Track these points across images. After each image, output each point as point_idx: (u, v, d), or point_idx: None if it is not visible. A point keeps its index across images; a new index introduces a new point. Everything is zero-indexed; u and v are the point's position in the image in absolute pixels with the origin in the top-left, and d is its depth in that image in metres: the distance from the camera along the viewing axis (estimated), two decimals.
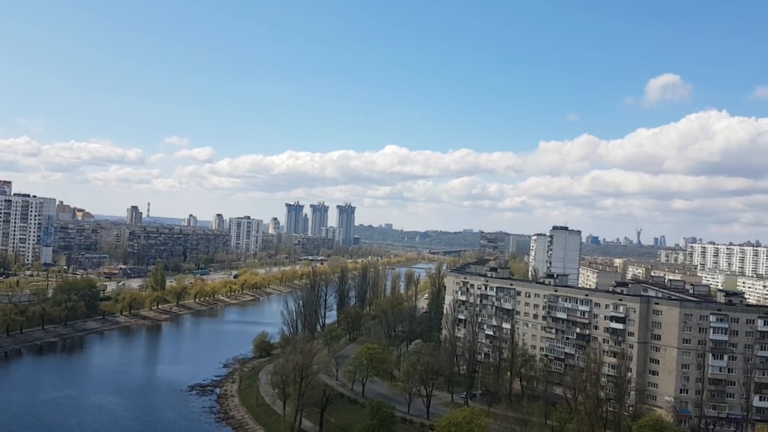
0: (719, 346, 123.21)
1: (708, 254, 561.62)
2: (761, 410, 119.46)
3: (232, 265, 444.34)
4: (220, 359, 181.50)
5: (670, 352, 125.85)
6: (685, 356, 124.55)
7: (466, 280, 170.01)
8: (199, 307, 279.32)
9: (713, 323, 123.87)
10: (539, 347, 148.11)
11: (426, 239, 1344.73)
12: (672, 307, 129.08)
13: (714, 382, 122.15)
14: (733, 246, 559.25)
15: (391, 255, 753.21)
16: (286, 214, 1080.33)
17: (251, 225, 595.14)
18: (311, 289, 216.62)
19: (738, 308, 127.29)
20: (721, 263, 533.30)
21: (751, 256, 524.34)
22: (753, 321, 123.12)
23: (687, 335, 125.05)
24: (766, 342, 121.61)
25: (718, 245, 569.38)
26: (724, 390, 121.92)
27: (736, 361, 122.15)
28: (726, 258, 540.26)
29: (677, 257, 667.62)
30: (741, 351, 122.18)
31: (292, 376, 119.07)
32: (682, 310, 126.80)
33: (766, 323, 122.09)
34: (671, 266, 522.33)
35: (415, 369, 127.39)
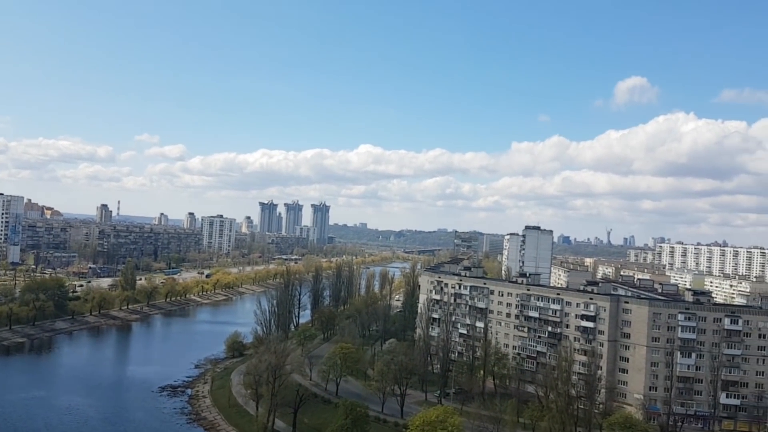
0: (687, 345, 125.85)
1: (676, 254, 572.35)
2: (728, 407, 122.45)
3: (204, 265, 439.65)
4: (191, 360, 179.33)
5: (640, 350, 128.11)
6: (654, 354, 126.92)
7: (441, 279, 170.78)
8: (171, 307, 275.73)
9: (681, 322, 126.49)
10: (512, 346, 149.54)
11: (401, 238, 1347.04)
12: (641, 306, 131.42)
13: (682, 380, 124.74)
14: (700, 246, 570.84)
15: (365, 254, 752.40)
16: (260, 213, 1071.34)
17: (224, 224, 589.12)
18: (285, 288, 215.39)
19: (705, 307, 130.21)
20: (689, 263, 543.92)
21: (718, 256, 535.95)
22: (720, 320, 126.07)
23: (656, 333, 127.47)
24: (732, 340, 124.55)
25: (686, 245, 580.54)
26: (692, 387, 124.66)
27: (704, 359, 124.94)
28: (694, 258, 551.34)
29: (646, 257, 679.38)
30: (708, 349, 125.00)
31: (265, 376, 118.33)
32: (651, 309, 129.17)
33: (732, 322, 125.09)
34: (640, 266, 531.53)
35: (389, 368, 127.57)
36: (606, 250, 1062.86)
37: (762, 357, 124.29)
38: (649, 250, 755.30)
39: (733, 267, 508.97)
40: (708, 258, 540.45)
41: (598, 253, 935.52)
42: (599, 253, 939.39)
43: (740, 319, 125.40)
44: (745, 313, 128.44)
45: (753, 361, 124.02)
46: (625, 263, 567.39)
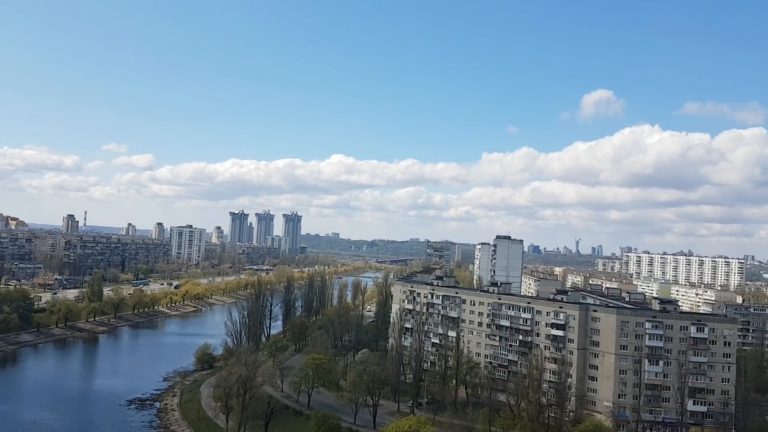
0: (654, 352, 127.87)
1: (643, 263, 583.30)
2: (695, 414, 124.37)
3: (173, 276, 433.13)
4: (160, 372, 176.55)
5: (608, 358, 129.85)
6: (623, 362, 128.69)
7: (413, 289, 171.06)
8: (138, 318, 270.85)
9: (648, 330, 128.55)
10: (484, 354, 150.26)
11: (373, 248, 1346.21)
12: (609, 314, 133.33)
13: (650, 387, 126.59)
14: (666, 255, 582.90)
15: (338, 264, 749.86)
16: (230, 223, 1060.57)
17: (193, 234, 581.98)
18: (256, 299, 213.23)
19: (672, 315, 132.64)
20: (656, 272, 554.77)
21: (683, 265, 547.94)
22: (686, 328, 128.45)
23: (624, 342, 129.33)
24: (698, 348, 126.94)
25: (652, 254, 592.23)
26: (660, 395, 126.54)
27: (671, 366, 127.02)
28: (660, 267, 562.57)
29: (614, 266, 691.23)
30: (675, 357, 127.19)
31: (235, 388, 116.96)
32: (619, 317, 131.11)
33: (698, 330, 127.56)
34: (608, 275, 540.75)
35: (362, 379, 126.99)
36: (575, 259, 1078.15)
37: (727, 364, 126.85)
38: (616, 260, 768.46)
39: (698, 276, 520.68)
40: (674, 267, 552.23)
41: (567, 262, 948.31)
42: (568, 262, 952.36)
43: (706, 327, 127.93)
44: (711, 321, 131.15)
45: (719, 368, 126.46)
46: (593, 272, 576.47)
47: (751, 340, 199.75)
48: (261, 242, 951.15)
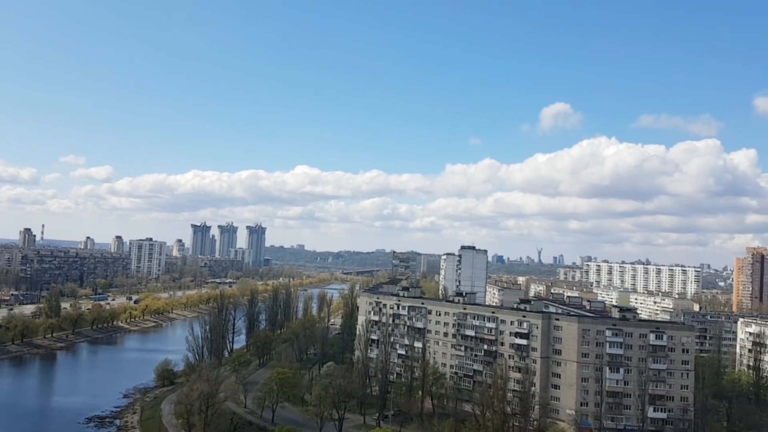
0: (615, 360, 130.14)
1: (602, 272, 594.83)
2: (655, 421, 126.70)
3: (132, 290, 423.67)
4: (119, 389, 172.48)
5: (571, 366, 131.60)
6: (584, 370, 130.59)
7: (379, 300, 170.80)
8: (97, 334, 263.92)
9: (609, 338, 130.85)
10: (449, 365, 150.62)
11: (339, 259, 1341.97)
12: (571, 322, 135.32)
13: (611, 395, 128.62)
14: (625, 264, 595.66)
15: (303, 276, 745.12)
16: (192, 236, 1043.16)
17: (153, 247, 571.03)
18: (218, 313, 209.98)
19: (631, 323, 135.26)
20: (615, 280, 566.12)
21: (641, 274, 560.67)
22: (645, 335, 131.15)
23: (585, 349, 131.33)
24: (657, 355, 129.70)
25: (611, 263, 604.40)
26: (621, 402, 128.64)
27: (631, 373, 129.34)
28: (619, 275, 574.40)
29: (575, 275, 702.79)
30: (635, 364, 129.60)
31: (197, 405, 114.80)
32: (581, 325, 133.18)
33: (657, 337, 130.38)
34: (569, 283, 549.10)
35: (327, 392, 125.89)
36: (537, 268, 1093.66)
37: (686, 371, 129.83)
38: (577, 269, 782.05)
39: (656, 284, 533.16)
40: (632, 276, 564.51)
41: (529, 271, 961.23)
42: (531, 271, 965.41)
43: (665, 334, 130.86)
44: (669, 329, 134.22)
45: (677, 375, 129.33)
46: (555, 281, 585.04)
47: (708, 347, 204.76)
48: (224, 255, 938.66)
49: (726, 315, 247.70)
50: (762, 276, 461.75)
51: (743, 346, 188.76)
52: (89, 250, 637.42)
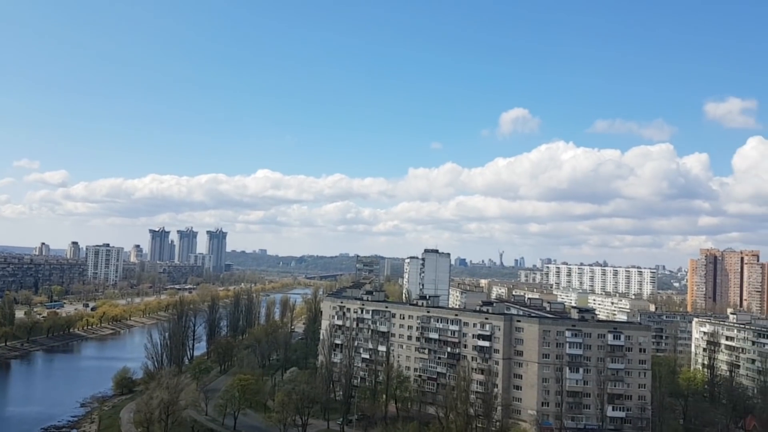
0: (575, 360, 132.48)
1: (562, 274, 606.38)
2: (614, 420, 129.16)
3: (89, 297, 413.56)
4: (76, 398, 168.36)
5: (532, 366, 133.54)
6: (545, 370, 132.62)
7: (343, 305, 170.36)
8: (53, 342, 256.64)
9: (569, 338, 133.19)
10: (413, 368, 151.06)
11: (302, 264, 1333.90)
12: (532, 324, 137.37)
13: (571, 395, 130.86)
14: (583, 266, 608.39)
15: (265, 281, 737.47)
16: (150, 241, 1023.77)
17: (110, 253, 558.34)
18: (178, 319, 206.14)
19: (590, 324, 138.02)
20: (574, 282, 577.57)
21: (599, 275, 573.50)
22: (604, 335, 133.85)
23: (546, 350, 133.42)
24: (616, 355, 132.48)
25: (570, 265, 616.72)
26: (581, 402, 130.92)
27: (590, 373, 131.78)
28: (578, 277, 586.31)
29: (535, 277, 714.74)
30: (594, 364, 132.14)
31: (156, 413, 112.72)
32: (541, 326, 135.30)
33: (615, 337, 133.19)
34: (530, 286, 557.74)
35: (291, 398, 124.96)
36: (499, 271, 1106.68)
37: (643, 370, 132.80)
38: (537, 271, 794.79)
39: (613, 285, 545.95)
40: (590, 277, 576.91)
41: (492, 274, 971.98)
42: (493, 274, 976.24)
43: (622, 334, 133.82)
44: (627, 329, 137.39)
45: (635, 375, 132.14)
46: (516, 284, 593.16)
47: (664, 347, 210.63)
48: (183, 260, 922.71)
49: (681, 315, 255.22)
50: (715, 276, 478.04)
51: (698, 346, 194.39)
52: (44, 257, 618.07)
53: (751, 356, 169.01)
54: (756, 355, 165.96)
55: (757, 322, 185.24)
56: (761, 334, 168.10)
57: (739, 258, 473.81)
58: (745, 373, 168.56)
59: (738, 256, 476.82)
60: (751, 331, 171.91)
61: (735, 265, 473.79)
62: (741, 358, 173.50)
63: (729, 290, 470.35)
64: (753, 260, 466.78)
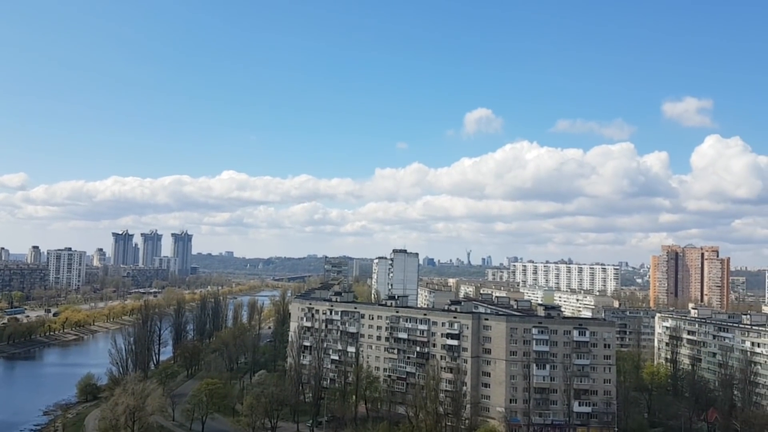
0: (541, 357, 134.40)
1: (528, 272, 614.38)
2: (581, 415, 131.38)
3: (51, 302, 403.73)
4: (39, 406, 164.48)
5: (500, 364, 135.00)
6: (513, 367, 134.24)
7: (311, 306, 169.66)
8: (14, 349, 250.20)
9: (535, 335, 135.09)
10: (383, 368, 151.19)
11: (270, 266, 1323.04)
12: (500, 322, 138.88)
13: (539, 391, 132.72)
14: (549, 264, 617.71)
15: (233, 284, 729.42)
16: (113, 245, 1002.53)
17: (72, 257, 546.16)
18: (143, 324, 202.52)
19: (556, 321, 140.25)
20: (540, 280, 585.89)
21: (564, 273, 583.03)
22: (569, 332, 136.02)
23: (513, 347, 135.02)
24: (581, 351, 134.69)
25: (536, 263, 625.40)
26: (548, 398, 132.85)
27: (557, 370, 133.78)
28: (543, 275, 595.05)
29: (502, 275, 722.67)
30: (560, 360, 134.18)
31: (122, 419, 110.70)
32: (509, 324, 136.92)
33: (580, 334, 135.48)
34: (497, 284, 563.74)
35: (259, 401, 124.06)
36: (467, 270, 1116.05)
37: (608, 365, 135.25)
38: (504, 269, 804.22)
39: (578, 282, 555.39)
40: (556, 275, 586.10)
41: (459, 273, 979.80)
42: (461, 273, 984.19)
43: (587, 330, 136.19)
44: (592, 325, 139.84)
45: (600, 370, 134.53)
46: (484, 282, 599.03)
47: (628, 342, 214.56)
48: (148, 264, 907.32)
49: (644, 311, 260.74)
50: (677, 272, 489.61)
51: (661, 340, 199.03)
52: (3, 261, 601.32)
53: (712, 350, 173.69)
54: (717, 349, 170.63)
55: (717, 316, 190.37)
56: (721, 328, 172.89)
57: (700, 254, 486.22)
58: (706, 366, 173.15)
59: (698, 252, 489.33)
60: (712, 326, 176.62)
61: (696, 261, 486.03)
62: (702, 352, 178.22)
63: (690, 285, 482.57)
64: (713, 256, 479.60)
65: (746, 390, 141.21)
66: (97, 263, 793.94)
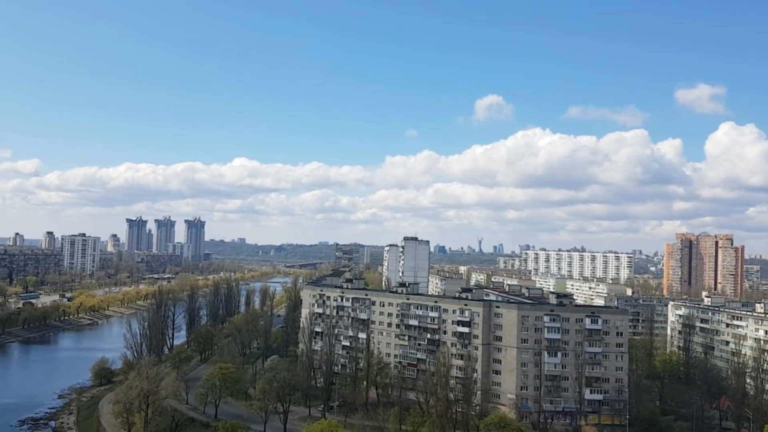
0: (553, 345, 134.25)
1: (540, 260, 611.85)
2: (592, 402, 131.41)
3: (66, 287, 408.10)
4: (54, 390, 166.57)
5: (511, 351, 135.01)
6: (524, 355, 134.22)
7: (323, 293, 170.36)
8: (29, 333, 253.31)
9: (547, 323, 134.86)
10: (394, 354, 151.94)
11: (281, 253, 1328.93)
12: (511, 309, 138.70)
13: (550, 378, 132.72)
14: (561, 252, 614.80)
15: (245, 270, 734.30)
16: (127, 231, 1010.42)
17: (87, 243, 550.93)
18: (157, 309, 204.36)
19: (568, 309, 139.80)
20: (552, 268, 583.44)
21: (577, 261, 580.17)
22: (581, 320, 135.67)
23: (525, 335, 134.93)
24: (593, 339, 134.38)
25: (548, 251, 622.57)
26: (559, 385, 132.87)
27: (569, 357, 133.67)
28: (556, 263, 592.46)
29: (514, 263, 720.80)
30: (572, 348, 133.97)
31: (136, 403, 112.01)
32: (520, 312, 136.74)
33: (593, 321, 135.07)
34: (509, 272, 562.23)
35: (272, 386, 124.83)
36: (478, 258, 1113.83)
37: (620, 353, 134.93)
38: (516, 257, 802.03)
39: (591, 270, 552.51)
40: (568, 263, 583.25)
41: (471, 261, 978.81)
42: (472, 261, 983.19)
43: (600, 318, 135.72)
44: (604, 313, 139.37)
45: (612, 358, 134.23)
46: (495, 270, 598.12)
47: (641, 330, 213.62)
48: (161, 250, 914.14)
49: (657, 299, 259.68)
50: (690, 260, 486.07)
51: (674, 328, 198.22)
52: (18, 247, 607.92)
53: (725, 338, 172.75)
54: (730, 337, 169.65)
55: (730, 304, 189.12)
56: (735, 316, 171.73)
57: (714, 242, 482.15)
58: (719, 354, 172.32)
59: (712, 240, 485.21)
60: (725, 314, 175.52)
61: (710, 249, 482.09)
62: (715, 340, 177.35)
63: (704, 274, 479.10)
64: (727, 244, 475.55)
65: (759, 378, 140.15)
66: (111, 249, 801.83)
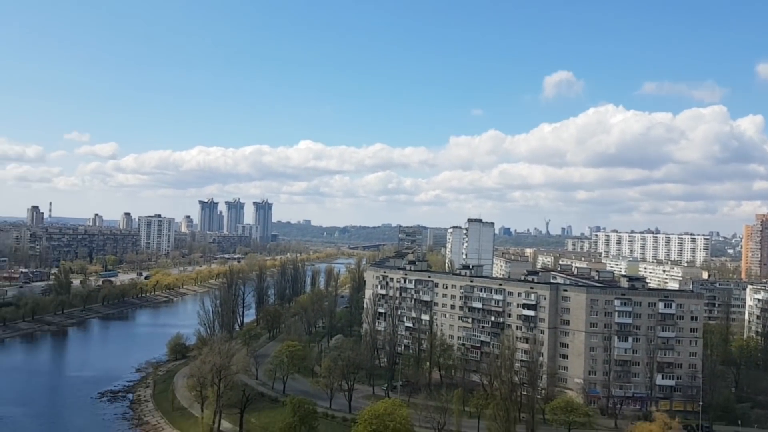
0: (623, 329, 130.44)
1: (611, 242, 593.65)
2: (664, 388, 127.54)
3: (142, 266, 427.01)
4: (131, 364, 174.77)
5: (579, 336, 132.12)
6: (593, 339, 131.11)
7: (386, 274, 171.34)
8: (108, 310, 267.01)
9: (618, 307, 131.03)
10: (456, 336, 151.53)
11: (345, 234, 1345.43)
12: (579, 293, 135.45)
13: (620, 363, 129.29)
14: (634, 233, 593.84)
15: (310, 251, 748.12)
16: (200, 212, 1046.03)
17: (162, 223, 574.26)
18: (228, 288, 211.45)
19: (640, 292, 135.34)
20: (624, 250, 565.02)
21: (650, 243, 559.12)
22: (654, 304, 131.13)
23: (594, 319, 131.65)
24: (666, 323, 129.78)
25: (620, 233, 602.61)
26: (629, 370, 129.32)
27: (640, 342, 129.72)
28: (628, 245, 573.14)
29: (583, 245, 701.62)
30: (644, 333, 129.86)
31: (209, 377, 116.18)
32: (589, 295, 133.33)
33: (666, 306, 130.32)
34: (578, 254, 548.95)
35: (336, 364, 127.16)
36: (545, 240, 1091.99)
37: (694, 339, 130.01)
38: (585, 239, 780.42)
39: (665, 253, 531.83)
40: (641, 245, 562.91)
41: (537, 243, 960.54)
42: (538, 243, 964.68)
43: (673, 303, 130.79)
44: (678, 297, 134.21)
45: (686, 343, 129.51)
46: (563, 252, 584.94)
47: (717, 315, 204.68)
48: (231, 231, 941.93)
49: (735, 282, 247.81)
50: None
51: (752, 313, 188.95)
52: (98, 227, 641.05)
53: None
54: None
55: None
56: None
57: None
58: None
59: None
60: None
61: None
62: None
63: None
64: None
65: None
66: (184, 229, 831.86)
